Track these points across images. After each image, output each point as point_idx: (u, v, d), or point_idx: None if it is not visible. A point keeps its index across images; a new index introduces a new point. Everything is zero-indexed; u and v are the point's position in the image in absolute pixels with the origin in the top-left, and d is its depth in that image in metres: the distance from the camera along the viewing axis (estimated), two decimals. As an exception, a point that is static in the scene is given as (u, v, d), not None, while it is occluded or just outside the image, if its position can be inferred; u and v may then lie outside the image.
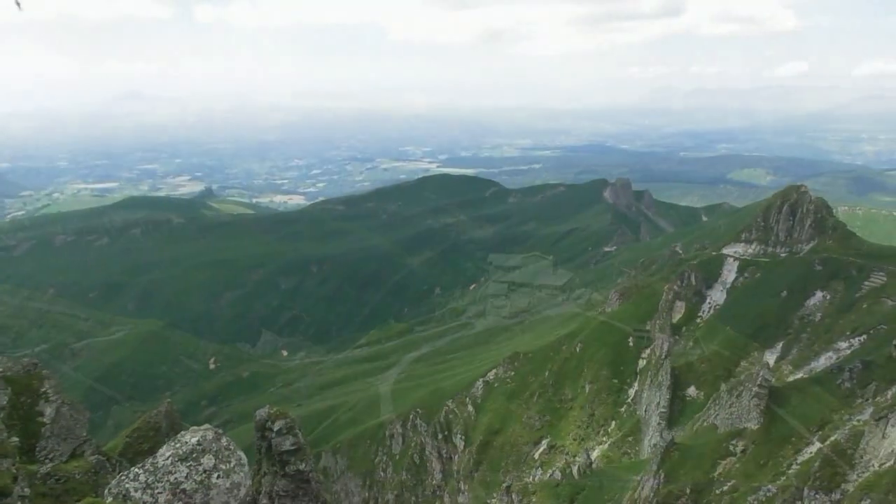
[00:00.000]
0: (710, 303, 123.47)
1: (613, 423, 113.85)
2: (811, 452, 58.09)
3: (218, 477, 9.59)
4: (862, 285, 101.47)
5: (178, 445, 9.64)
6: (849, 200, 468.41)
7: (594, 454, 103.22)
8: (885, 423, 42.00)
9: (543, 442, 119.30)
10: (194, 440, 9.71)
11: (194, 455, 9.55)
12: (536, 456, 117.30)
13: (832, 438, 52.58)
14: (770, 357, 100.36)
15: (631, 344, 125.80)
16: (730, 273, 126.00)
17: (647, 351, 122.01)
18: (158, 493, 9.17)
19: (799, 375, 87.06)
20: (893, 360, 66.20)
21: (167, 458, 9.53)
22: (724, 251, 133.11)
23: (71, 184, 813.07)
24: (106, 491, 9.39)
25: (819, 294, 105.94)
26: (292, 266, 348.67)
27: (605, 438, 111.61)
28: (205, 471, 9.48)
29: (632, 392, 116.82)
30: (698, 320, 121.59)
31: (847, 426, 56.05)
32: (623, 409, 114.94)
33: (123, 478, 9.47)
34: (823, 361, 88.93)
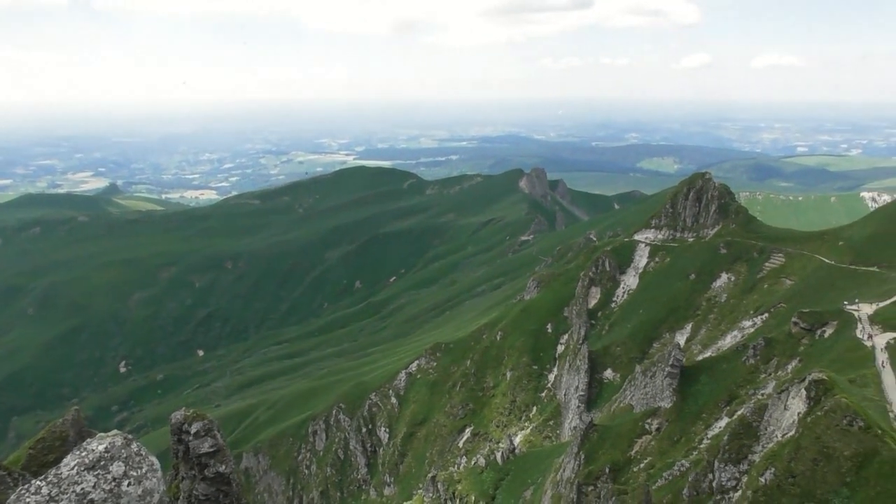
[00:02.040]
0: (623, 287, 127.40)
1: (535, 408, 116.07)
2: (720, 427, 60.80)
3: (129, 484, 9.07)
4: (763, 266, 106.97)
5: (83, 454, 9.05)
6: (749, 186, 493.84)
7: (517, 439, 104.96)
8: (786, 395, 44.34)
9: (467, 430, 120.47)
10: (101, 447, 9.14)
11: (102, 463, 8.98)
12: (461, 444, 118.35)
13: (739, 413, 55.14)
14: (681, 338, 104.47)
15: (549, 330, 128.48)
16: (641, 258, 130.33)
17: (566, 336, 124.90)
18: (64, 505, 8.60)
19: (708, 354, 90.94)
20: (793, 336, 69.98)
21: (72, 468, 8.93)
22: (636, 237, 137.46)
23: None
24: (5, 507, 8.73)
25: (724, 276, 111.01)
26: (206, 263, 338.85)
27: (527, 424, 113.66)
28: (114, 479, 8.94)
29: (551, 377, 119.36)
30: (613, 305, 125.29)
31: (752, 400, 58.86)
32: (543, 395, 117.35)
33: (24, 491, 8.81)
34: (729, 340, 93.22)
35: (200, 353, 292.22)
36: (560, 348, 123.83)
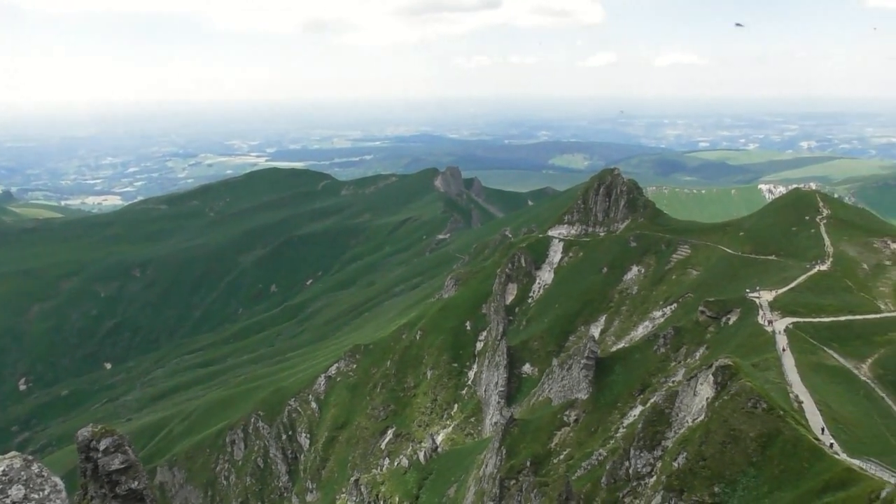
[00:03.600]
0: (539, 283, 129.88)
1: (456, 406, 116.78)
2: (635, 415, 62.83)
3: (31, 509, 8.53)
4: (670, 258, 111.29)
5: (-22, 479, 8.43)
6: (656, 181, 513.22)
7: (439, 438, 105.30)
8: (695, 381, 46.27)
9: (389, 431, 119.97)
10: (-1, 471, 8.55)
11: (0, 487, 8.40)
12: (383, 446, 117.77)
13: (652, 400, 57.16)
14: (595, 330, 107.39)
15: (468, 328, 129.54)
16: (556, 254, 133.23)
17: (484, 333, 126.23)
18: (-42, 535, 7.97)
19: (621, 345, 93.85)
20: (700, 324, 73.12)
21: (-33, 496, 8.32)
22: (550, 233, 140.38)
23: None
24: None
25: (635, 269, 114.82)
26: (111, 271, 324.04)
27: (448, 422, 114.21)
28: (13, 503, 8.37)
29: (471, 374, 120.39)
30: (530, 300, 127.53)
31: (664, 388, 61.14)
32: (464, 392, 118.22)
33: (-89, 524, 8.15)
34: (641, 330, 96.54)
35: (108, 365, 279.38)
36: (479, 345, 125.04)
